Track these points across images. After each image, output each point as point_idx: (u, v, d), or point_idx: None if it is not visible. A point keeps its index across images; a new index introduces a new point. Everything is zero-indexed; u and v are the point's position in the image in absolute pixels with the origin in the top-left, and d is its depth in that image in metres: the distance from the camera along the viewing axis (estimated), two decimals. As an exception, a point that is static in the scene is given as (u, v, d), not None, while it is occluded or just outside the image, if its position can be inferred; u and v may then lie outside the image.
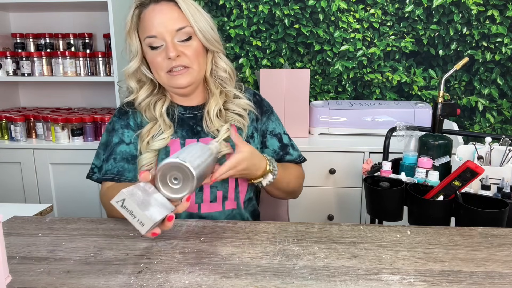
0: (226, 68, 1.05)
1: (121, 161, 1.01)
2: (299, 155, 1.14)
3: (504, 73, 2.17)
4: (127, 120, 1.05)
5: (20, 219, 0.92)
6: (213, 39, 1.01)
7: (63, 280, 0.66)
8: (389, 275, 0.67)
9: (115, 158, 1.02)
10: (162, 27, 0.95)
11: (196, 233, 0.83)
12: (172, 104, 1.06)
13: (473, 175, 0.99)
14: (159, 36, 0.95)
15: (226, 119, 1.04)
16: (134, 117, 1.05)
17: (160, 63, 0.97)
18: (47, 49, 2.14)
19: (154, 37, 0.96)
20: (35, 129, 2.05)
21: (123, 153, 1.02)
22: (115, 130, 1.05)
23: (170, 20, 0.95)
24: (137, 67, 1.02)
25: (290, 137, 1.16)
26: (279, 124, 1.14)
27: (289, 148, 1.12)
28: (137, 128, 1.04)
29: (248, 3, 2.23)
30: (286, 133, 1.14)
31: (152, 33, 0.95)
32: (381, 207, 1.19)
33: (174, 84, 0.99)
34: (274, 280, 0.65)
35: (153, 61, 0.98)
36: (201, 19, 0.98)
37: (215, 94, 1.04)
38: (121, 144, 1.03)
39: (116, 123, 1.06)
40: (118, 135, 1.04)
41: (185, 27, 0.96)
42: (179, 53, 0.96)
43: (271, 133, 1.11)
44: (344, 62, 2.25)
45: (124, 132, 1.04)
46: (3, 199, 1.96)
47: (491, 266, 0.70)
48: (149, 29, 0.96)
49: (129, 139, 1.03)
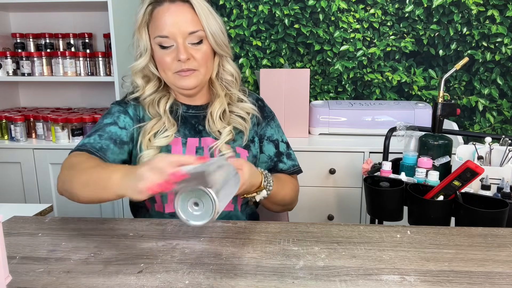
0: (232, 72, 1.06)
1: (107, 140, 0.96)
2: (293, 165, 1.11)
3: (504, 73, 2.17)
4: (126, 108, 1.04)
5: (20, 219, 0.92)
6: (223, 44, 1.01)
7: (63, 280, 0.66)
8: (389, 275, 0.67)
9: (101, 135, 0.97)
10: (175, 28, 0.94)
11: (196, 233, 0.83)
12: (176, 102, 1.05)
13: (473, 175, 0.99)
14: (171, 37, 0.95)
15: (229, 121, 1.04)
16: (135, 108, 1.04)
17: (169, 63, 0.97)
18: (47, 49, 2.14)
19: (166, 37, 0.95)
20: (35, 129, 2.05)
21: (112, 133, 0.98)
22: (111, 114, 1.03)
23: (184, 22, 0.94)
24: (145, 65, 1.01)
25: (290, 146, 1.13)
26: (279, 131, 1.13)
27: (283, 157, 1.10)
28: (135, 119, 1.03)
29: (248, 3, 2.23)
30: (285, 142, 1.12)
31: (164, 33, 0.94)
32: (381, 207, 1.19)
33: (181, 85, 0.99)
34: (274, 280, 0.65)
35: (162, 60, 0.97)
36: (213, 23, 0.97)
37: (220, 95, 1.05)
38: (113, 125, 1.00)
39: (113, 108, 1.04)
40: (113, 118, 1.01)
41: (198, 30, 0.95)
42: (189, 56, 0.95)
43: (268, 139, 1.10)
44: (344, 62, 2.25)
45: (120, 116, 1.02)
46: (3, 199, 1.96)
47: (491, 266, 0.70)
48: (161, 28, 0.95)
49: (124, 124, 1.01)
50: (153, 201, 1.01)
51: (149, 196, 0.70)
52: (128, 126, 1.02)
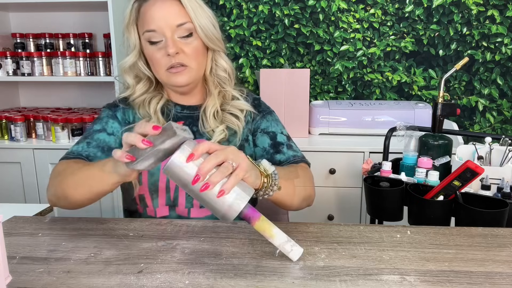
0: (226, 68, 1.03)
1: (95, 148, 0.96)
2: (294, 155, 1.02)
3: (504, 73, 2.17)
4: (115, 112, 1.03)
5: (20, 219, 0.92)
6: (214, 37, 0.98)
7: (63, 280, 0.66)
8: (389, 275, 0.67)
9: (89, 142, 0.96)
10: (162, 21, 0.92)
11: (196, 233, 0.83)
12: (168, 103, 1.04)
13: (473, 175, 0.99)
14: (159, 31, 0.93)
15: (222, 120, 1.02)
16: (124, 112, 1.03)
17: (159, 60, 0.95)
18: (47, 49, 2.14)
19: (153, 31, 0.93)
20: (35, 129, 2.05)
21: (100, 141, 0.97)
22: (100, 119, 1.02)
23: (170, 14, 0.93)
24: (134, 62, 1.00)
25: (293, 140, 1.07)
26: (277, 124, 1.08)
27: (282, 147, 1.03)
28: (124, 123, 1.02)
29: (248, 3, 2.23)
30: (284, 134, 1.07)
31: (151, 27, 0.93)
32: (381, 207, 1.19)
33: (173, 82, 0.97)
34: (274, 280, 0.65)
35: (152, 57, 0.96)
36: (202, 16, 0.95)
37: (213, 94, 1.02)
38: (101, 132, 0.99)
39: (103, 113, 1.04)
40: (102, 124, 1.01)
41: (185, 23, 0.93)
42: (178, 50, 0.93)
43: (262, 131, 1.05)
44: (344, 62, 2.25)
45: (109, 121, 1.01)
46: (3, 199, 1.96)
47: (491, 266, 0.70)
48: (148, 22, 0.93)
49: (112, 129, 1.00)
50: (145, 205, 1.01)
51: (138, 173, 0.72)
52: (116, 132, 1.00)
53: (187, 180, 0.66)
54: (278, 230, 0.71)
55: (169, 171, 0.66)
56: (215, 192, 0.66)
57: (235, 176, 0.67)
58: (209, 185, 0.65)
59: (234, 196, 0.67)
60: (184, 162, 0.65)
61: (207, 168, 0.65)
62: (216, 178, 0.66)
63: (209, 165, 0.65)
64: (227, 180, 0.67)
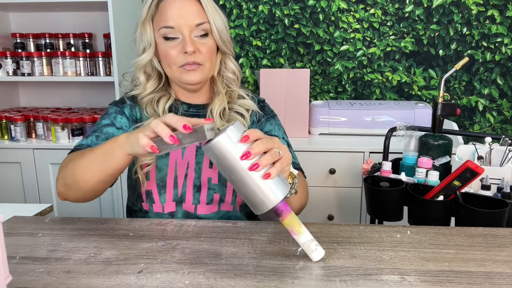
0: (234, 70, 1.06)
1: (104, 141, 0.95)
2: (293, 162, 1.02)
3: (504, 73, 2.17)
4: (122, 108, 1.04)
5: (20, 219, 0.92)
6: (227, 41, 1.02)
7: (63, 280, 0.66)
8: (389, 275, 0.67)
9: (98, 136, 0.98)
10: (182, 19, 0.94)
11: (196, 233, 0.83)
12: (176, 102, 1.05)
13: (473, 175, 0.99)
14: (177, 28, 0.94)
15: (228, 119, 1.04)
16: (131, 108, 1.04)
17: (174, 57, 0.96)
18: (47, 49, 2.14)
19: (171, 27, 0.94)
20: (35, 129, 2.05)
21: (110, 134, 0.98)
22: (108, 114, 1.03)
23: (191, 14, 0.95)
24: (150, 59, 1.01)
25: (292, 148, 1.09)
26: (279, 129, 1.11)
27: None
28: (132, 119, 1.03)
29: (248, 3, 2.23)
30: (285, 140, 1.09)
31: (169, 23, 0.94)
32: (381, 207, 1.19)
33: (185, 79, 0.98)
34: (274, 280, 0.65)
35: (167, 54, 0.97)
36: (219, 18, 0.98)
37: (221, 93, 1.04)
38: (110, 126, 1.00)
39: (110, 109, 1.05)
40: (110, 118, 1.02)
41: (204, 23, 0.96)
42: (195, 49, 0.95)
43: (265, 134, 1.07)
44: (344, 62, 2.25)
45: (117, 116, 1.02)
46: (3, 199, 1.96)
47: (491, 266, 0.70)
48: (167, 19, 0.95)
49: (120, 124, 1.01)
50: (152, 201, 1.01)
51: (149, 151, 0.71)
52: (124, 127, 1.02)
53: (234, 157, 0.66)
54: (305, 228, 0.71)
55: (215, 147, 0.66)
56: (261, 173, 0.66)
57: (280, 164, 0.69)
58: (259, 165, 0.66)
59: (277, 184, 0.68)
60: (236, 142, 0.66)
61: (258, 149, 0.67)
62: (267, 160, 0.67)
63: (260, 147, 0.67)
64: (271, 166, 0.68)
